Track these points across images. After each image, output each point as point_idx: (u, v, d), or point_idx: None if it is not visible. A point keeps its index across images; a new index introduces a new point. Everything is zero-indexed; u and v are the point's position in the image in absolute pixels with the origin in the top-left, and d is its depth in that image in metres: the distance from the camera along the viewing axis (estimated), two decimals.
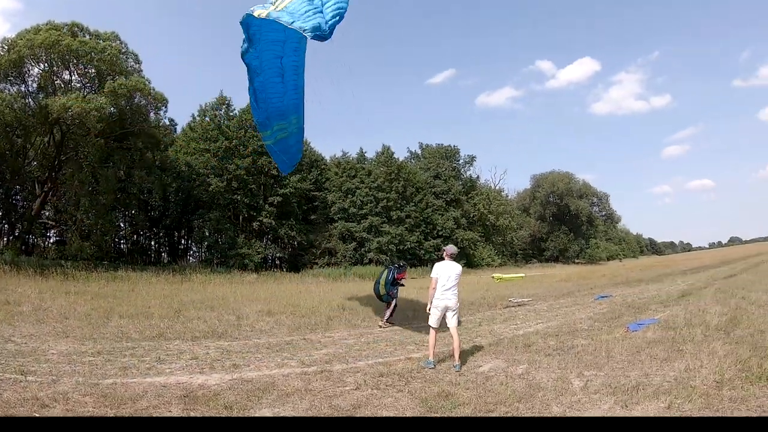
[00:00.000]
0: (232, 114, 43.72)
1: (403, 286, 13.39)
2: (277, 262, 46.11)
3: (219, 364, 7.85)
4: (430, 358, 7.83)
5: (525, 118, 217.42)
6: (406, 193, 50.18)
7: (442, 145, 61.89)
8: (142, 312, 13.18)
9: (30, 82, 29.95)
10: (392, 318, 12.57)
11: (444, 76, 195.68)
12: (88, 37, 30.24)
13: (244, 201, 41.14)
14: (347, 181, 47.86)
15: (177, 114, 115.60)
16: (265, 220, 41.65)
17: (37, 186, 32.50)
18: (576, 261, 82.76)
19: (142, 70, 33.47)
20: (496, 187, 78.28)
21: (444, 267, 8.16)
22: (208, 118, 42.75)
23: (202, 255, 42.99)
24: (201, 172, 39.46)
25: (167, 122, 40.88)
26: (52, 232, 39.41)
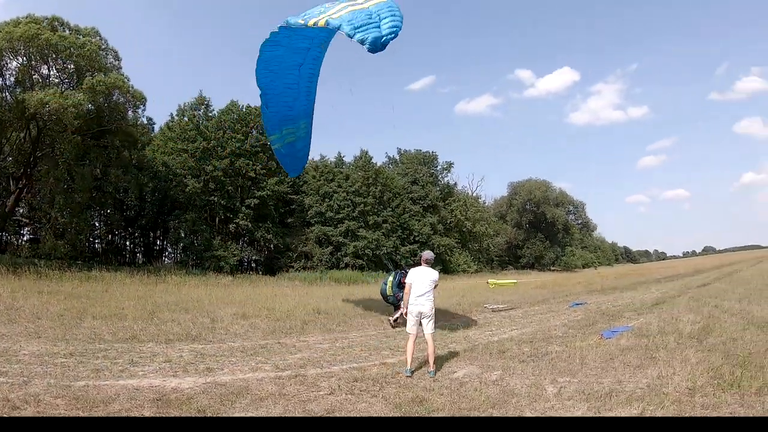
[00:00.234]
0: (210, 114, 43.42)
1: None
2: (253, 265, 45.83)
3: (192, 368, 7.85)
4: (408, 366, 7.74)
5: (503, 126, 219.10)
6: (384, 198, 50.25)
7: (421, 150, 62.09)
8: (115, 313, 13.09)
9: (7, 76, 29.46)
10: (400, 319, 12.74)
11: (423, 83, 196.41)
12: (68, 31, 29.89)
13: (221, 202, 40.84)
14: (325, 185, 47.76)
15: (155, 113, 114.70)
16: (241, 223, 41.39)
17: (11, 182, 31.89)
18: (552, 268, 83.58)
19: (122, 67, 33.18)
20: (474, 194, 79.00)
21: (418, 273, 8.16)
22: (186, 118, 42.29)
23: (178, 256, 42.44)
24: (178, 173, 39.08)
25: (145, 121, 40.43)
26: (26, 229, 38.60)
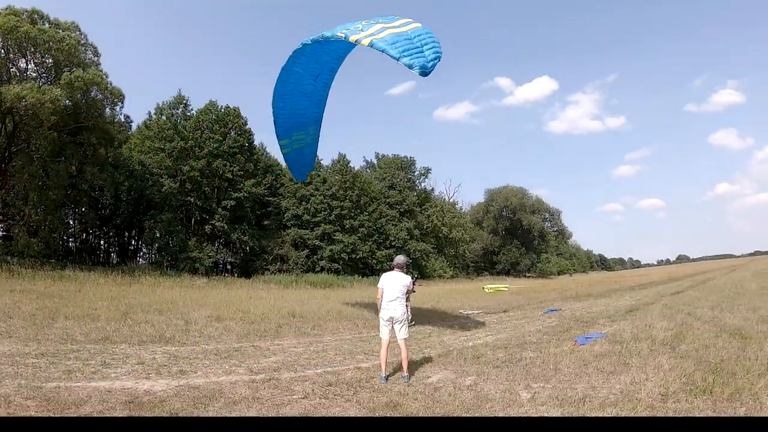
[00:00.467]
0: (189, 114, 43.12)
1: (414, 292, 14.63)
2: (229, 267, 45.63)
3: (166, 370, 7.83)
4: (383, 372, 7.71)
5: (482, 133, 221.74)
6: (361, 203, 50.37)
7: (399, 155, 62.47)
8: (88, 314, 13.02)
9: None
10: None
11: (403, 88, 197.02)
12: (47, 25, 29.62)
13: (197, 203, 40.58)
14: (302, 188, 47.65)
15: (133, 111, 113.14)
16: (217, 224, 41.15)
17: None
18: (527, 275, 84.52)
19: (100, 64, 32.98)
20: (450, 200, 79.70)
21: (389, 278, 8.16)
22: (164, 117, 41.90)
23: (152, 257, 41.99)
24: (154, 172, 38.69)
25: (122, 119, 40.16)
26: None
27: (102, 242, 43.41)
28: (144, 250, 44.23)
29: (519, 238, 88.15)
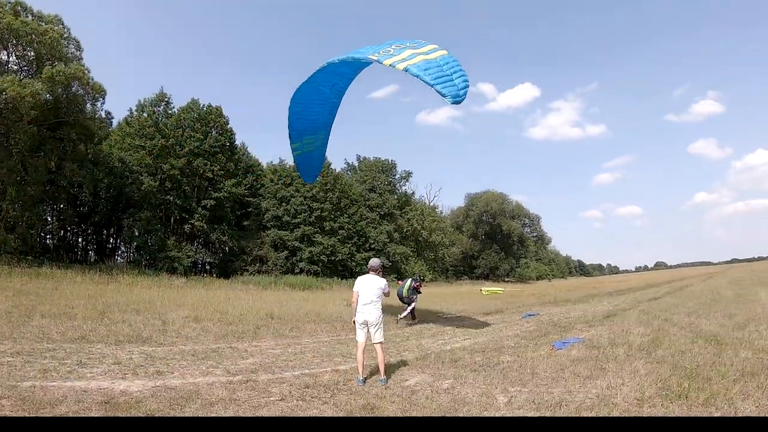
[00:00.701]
0: (170, 112, 42.82)
1: (420, 293, 16.53)
2: (207, 267, 45.45)
3: (142, 370, 7.82)
4: (360, 375, 7.71)
5: (463, 138, 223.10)
6: (341, 205, 50.45)
7: (380, 158, 62.73)
8: (65, 312, 12.92)
9: None
10: (410, 318, 15.77)
11: (386, 92, 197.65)
12: (30, 17, 29.27)
13: (177, 202, 40.35)
14: (282, 189, 47.67)
15: (114, 107, 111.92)
16: (197, 224, 40.92)
17: None
18: (506, 279, 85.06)
19: (83, 58, 32.70)
20: (431, 204, 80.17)
21: (364, 281, 8.20)
22: (145, 114, 41.56)
23: (131, 255, 41.62)
24: (134, 170, 38.39)
25: (103, 115, 39.47)
26: None
27: (80, 240, 42.89)
28: (122, 248, 43.86)
29: (498, 243, 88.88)
